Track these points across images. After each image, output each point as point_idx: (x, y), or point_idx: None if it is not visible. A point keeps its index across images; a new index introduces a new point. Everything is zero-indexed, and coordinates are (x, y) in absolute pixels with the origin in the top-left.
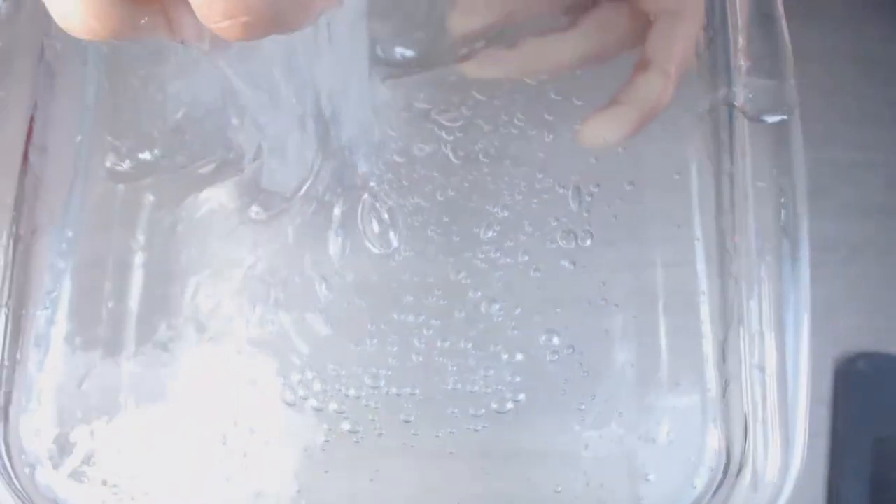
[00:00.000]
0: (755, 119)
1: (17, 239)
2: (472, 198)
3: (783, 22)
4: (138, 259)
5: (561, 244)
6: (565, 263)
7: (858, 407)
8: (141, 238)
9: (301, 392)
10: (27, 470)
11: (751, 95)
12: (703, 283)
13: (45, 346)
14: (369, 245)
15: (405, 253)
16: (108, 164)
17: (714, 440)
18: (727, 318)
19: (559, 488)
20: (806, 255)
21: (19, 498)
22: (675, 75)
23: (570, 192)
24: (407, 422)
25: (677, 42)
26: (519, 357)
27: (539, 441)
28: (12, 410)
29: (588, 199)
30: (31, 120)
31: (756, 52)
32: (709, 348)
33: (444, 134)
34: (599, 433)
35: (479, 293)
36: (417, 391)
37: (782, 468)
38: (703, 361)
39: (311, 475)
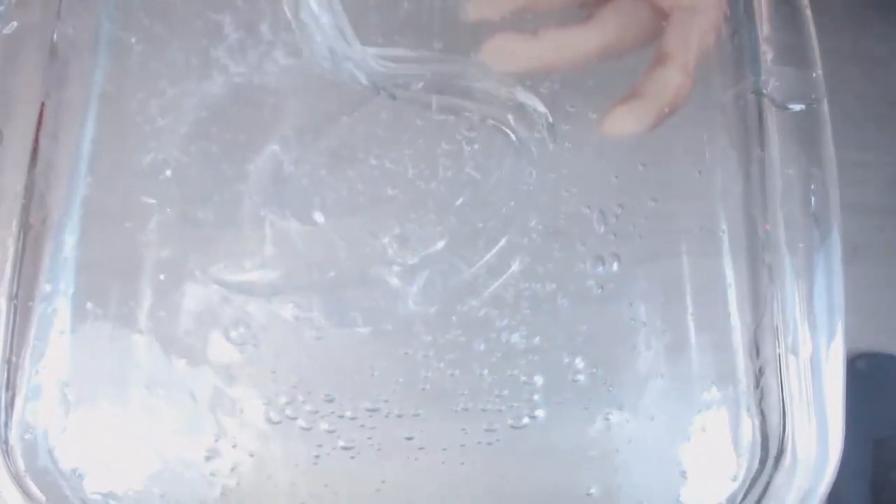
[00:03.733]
0: (783, 107)
1: (27, 228)
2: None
3: (808, 11)
4: (150, 253)
5: (588, 269)
6: (592, 287)
7: (858, 407)
8: (152, 231)
9: (288, 412)
10: (29, 460)
11: (778, 83)
12: (730, 275)
13: (47, 337)
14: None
15: (428, 291)
16: None
17: (748, 430)
18: (759, 308)
19: (591, 490)
20: (837, 241)
21: (20, 487)
22: (692, 70)
23: (594, 215)
24: (409, 439)
25: (694, 37)
26: (538, 379)
27: (563, 446)
28: (17, 402)
29: (613, 220)
30: (42, 108)
31: (781, 40)
32: (738, 339)
33: (466, 147)
34: (630, 436)
35: (504, 323)
36: (421, 412)
37: (820, 452)
38: (733, 353)
39: (310, 488)
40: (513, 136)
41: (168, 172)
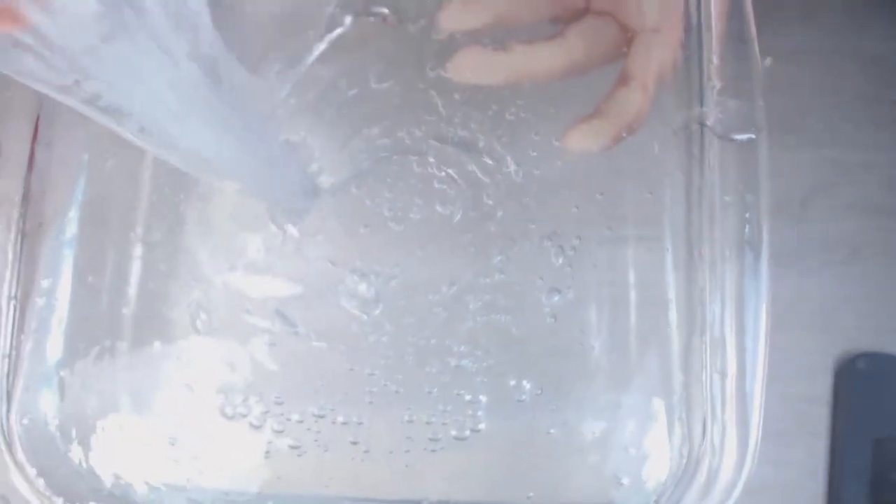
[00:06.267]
0: (724, 137)
1: (24, 234)
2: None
3: (755, 44)
4: (137, 251)
5: (544, 300)
6: (546, 316)
7: (858, 407)
8: (139, 231)
9: (241, 409)
10: (28, 445)
11: (721, 115)
12: (672, 291)
13: (46, 335)
14: (350, 308)
15: (385, 323)
16: None
17: (677, 438)
18: (691, 325)
19: (530, 494)
20: (766, 267)
21: (21, 471)
22: (652, 91)
23: (554, 248)
24: (354, 443)
25: (656, 58)
26: (482, 398)
27: (505, 456)
28: (16, 397)
29: (571, 252)
30: (38, 119)
31: (728, 72)
32: (675, 353)
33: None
34: (571, 448)
35: (458, 349)
36: (365, 421)
37: (737, 468)
38: (671, 367)
39: (265, 480)
40: (479, 174)
41: (160, 177)
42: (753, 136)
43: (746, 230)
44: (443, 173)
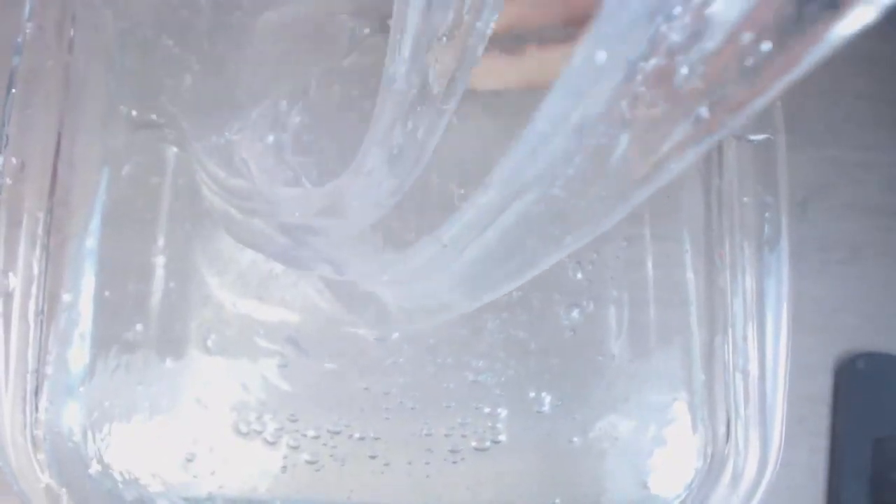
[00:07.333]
0: (742, 138)
1: (48, 250)
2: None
3: None
4: (154, 266)
5: (563, 314)
6: (565, 329)
7: (858, 407)
8: (160, 243)
9: (256, 426)
10: (55, 468)
11: None
12: (692, 293)
13: (68, 350)
14: (366, 334)
15: (403, 346)
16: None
17: (700, 440)
18: (713, 326)
19: (557, 500)
20: (786, 267)
21: (47, 478)
22: None
23: (572, 264)
24: (373, 457)
25: None
26: (501, 410)
27: (528, 465)
28: (41, 412)
29: (589, 267)
30: (59, 136)
31: None
32: (697, 355)
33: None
34: (593, 454)
35: (477, 364)
36: (382, 436)
37: (760, 467)
38: (691, 367)
39: (284, 493)
40: None
41: (178, 191)
42: (770, 136)
43: (766, 230)
44: (462, 191)
